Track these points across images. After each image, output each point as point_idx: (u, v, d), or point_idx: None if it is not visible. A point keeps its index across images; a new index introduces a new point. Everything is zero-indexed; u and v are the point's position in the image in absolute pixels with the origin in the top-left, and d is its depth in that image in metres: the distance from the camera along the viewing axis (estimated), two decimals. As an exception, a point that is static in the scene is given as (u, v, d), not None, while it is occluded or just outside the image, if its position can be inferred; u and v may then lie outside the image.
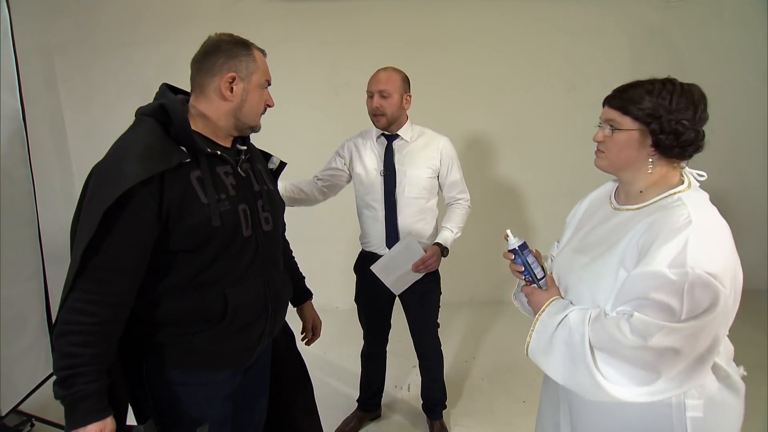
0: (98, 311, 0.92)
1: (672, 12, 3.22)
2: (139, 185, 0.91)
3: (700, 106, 0.97)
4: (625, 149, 0.99)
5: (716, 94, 3.93)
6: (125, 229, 0.93)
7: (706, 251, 0.85)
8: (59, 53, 3.14)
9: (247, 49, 1.10)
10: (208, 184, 1.02)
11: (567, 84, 3.27)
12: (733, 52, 3.29)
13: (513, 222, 3.40)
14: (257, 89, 1.11)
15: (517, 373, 2.53)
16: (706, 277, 0.83)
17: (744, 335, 2.82)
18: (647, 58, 3.24)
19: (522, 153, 3.37)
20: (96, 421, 0.92)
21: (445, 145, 1.85)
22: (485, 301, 3.29)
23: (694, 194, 0.96)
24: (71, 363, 0.91)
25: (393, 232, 1.83)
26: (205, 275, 1.03)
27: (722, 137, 3.28)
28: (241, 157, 1.15)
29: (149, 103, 1.07)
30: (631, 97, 0.97)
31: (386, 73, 1.76)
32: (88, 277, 0.92)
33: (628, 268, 0.93)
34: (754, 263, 3.51)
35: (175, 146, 1.00)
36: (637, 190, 1.02)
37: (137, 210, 0.93)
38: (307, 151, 3.28)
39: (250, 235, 1.09)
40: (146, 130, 0.99)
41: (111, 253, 0.93)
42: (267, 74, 1.14)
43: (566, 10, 3.19)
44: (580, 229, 1.14)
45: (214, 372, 1.11)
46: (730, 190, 3.45)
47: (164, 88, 1.12)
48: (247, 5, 3.11)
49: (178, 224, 0.98)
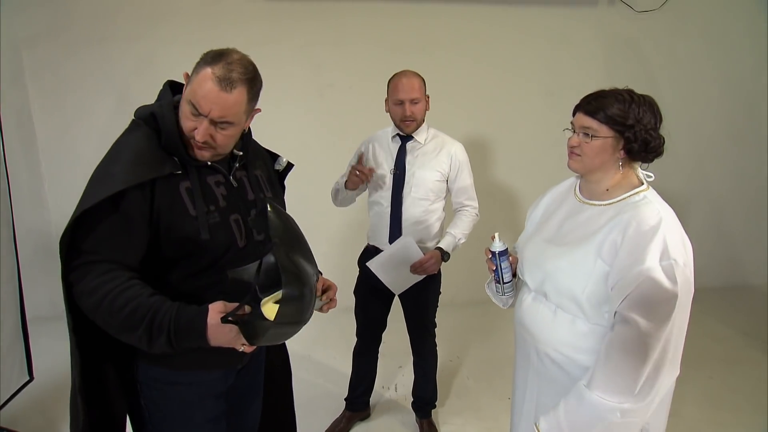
0: (118, 273, 0.92)
1: (643, 23, 3.37)
2: (133, 188, 0.92)
3: (658, 116, 1.10)
4: (600, 154, 1.09)
5: (684, 102, 4.16)
6: (116, 224, 0.93)
7: (678, 242, 1.01)
8: (28, 47, 2.99)
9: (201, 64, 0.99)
10: (197, 195, 1.00)
11: (545, 89, 3.37)
12: (700, 62, 3.48)
13: (493, 222, 3.45)
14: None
15: (502, 370, 2.58)
16: (683, 269, 0.99)
17: (712, 331, 3.00)
18: (620, 66, 3.39)
19: (501, 156, 3.45)
20: (204, 324, 0.91)
21: (457, 150, 1.89)
22: (468, 301, 3.34)
23: (653, 193, 1.10)
24: (138, 317, 0.89)
25: (396, 229, 1.86)
26: (198, 281, 1.02)
27: (689, 144, 3.51)
28: (236, 164, 1.11)
29: (146, 106, 1.04)
30: (606, 107, 1.07)
31: (410, 79, 1.79)
32: (79, 269, 0.92)
33: (605, 258, 1.04)
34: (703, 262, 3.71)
35: (167, 156, 0.98)
36: (603, 188, 1.13)
37: (129, 209, 0.93)
38: (291, 152, 3.23)
39: (245, 245, 1.07)
40: (139, 135, 0.98)
41: (98, 244, 0.93)
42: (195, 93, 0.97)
43: (545, 19, 3.30)
44: (547, 220, 1.24)
45: (207, 372, 1.10)
46: (697, 193, 3.65)
47: (166, 87, 1.08)
48: (228, 4, 3.05)
49: (167, 234, 0.97)
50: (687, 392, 2.28)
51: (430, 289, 1.95)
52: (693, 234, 1.02)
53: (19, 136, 3.03)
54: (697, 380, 2.46)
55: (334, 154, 3.22)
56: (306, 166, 2.76)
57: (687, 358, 1.08)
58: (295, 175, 3.07)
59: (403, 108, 1.79)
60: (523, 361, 1.27)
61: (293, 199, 3.08)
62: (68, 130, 3.05)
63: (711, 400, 2.36)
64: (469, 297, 3.40)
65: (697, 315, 1.07)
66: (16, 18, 2.92)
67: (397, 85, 1.80)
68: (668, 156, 1.16)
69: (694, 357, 2.57)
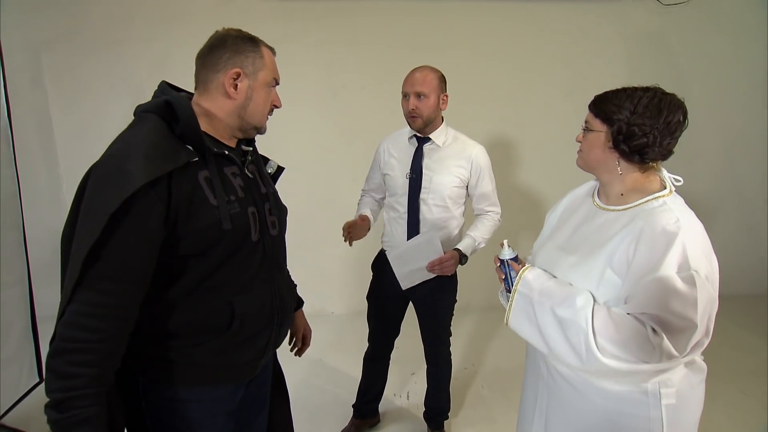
0: (102, 326, 0.83)
1: (670, 17, 3.22)
2: (146, 187, 0.84)
3: (670, 116, 0.98)
4: (594, 149, 1.05)
5: (713, 99, 3.98)
6: (131, 234, 0.85)
7: (699, 253, 0.92)
8: (47, 50, 3.04)
9: (254, 45, 1.03)
10: (217, 185, 0.96)
11: (565, 88, 3.25)
12: (730, 57, 3.32)
13: (511, 225, 3.36)
14: (263, 88, 1.05)
15: (518, 380, 2.46)
16: (705, 281, 0.91)
17: (744, 342, 2.84)
18: (645, 63, 3.25)
19: (520, 157, 3.35)
20: None
21: (477, 154, 1.78)
22: (484, 306, 3.26)
23: (677, 199, 1.01)
24: (69, 385, 0.81)
25: (414, 235, 1.77)
26: (211, 281, 0.97)
27: (719, 142, 3.35)
28: (247, 158, 1.10)
29: (150, 101, 1.00)
30: (603, 101, 1.03)
31: (422, 73, 1.70)
32: (90, 288, 0.83)
33: (616, 269, 0.97)
34: (755, 268, 3.53)
35: (182, 145, 0.94)
36: (617, 192, 1.06)
37: (144, 214, 0.86)
38: (304, 153, 3.22)
39: (258, 239, 1.03)
40: (150, 128, 0.92)
41: (115, 261, 0.84)
42: (275, 72, 1.08)
43: (565, 14, 3.19)
44: (562, 226, 1.17)
45: (216, 387, 1.03)
46: (727, 195, 3.47)
47: (164, 85, 1.05)
48: (241, 4, 3.05)
49: (186, 227, 0.91)
50: (717, 409, 2.14)
51: (445, 297, 1.87)
52: (722, 237, 0.94)
53: (38, 137, 3.09)
54: (728, 396, 2.32)
55: (348, 156, 3.19)
56: (319, 167, 2.72)
57: (716, 372, 1.01)
58: (308, 177, 3.06)
59: (407, 102, 1.71)
60: (533, 373, 1.22)
61: (307, 200, 3.08)
62: (86, 131, 3.09)
63: (745, 418, 2.20)
64: (486, 301, 3.30)
65: (727, 325, 0.99)
66: (36, 22, 2.98)
67: (407, 77, 1.73)
68: (696, 155, 1.07)
69: (724, 370, 2.43)
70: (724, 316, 0.96)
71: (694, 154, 3.24)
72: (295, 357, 1.41)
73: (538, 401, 1.18)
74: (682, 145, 1.07)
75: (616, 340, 0.93)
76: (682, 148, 1.08)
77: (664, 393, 0.98)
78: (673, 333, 0.90)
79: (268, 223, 1.08)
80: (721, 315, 0.96)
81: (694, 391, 1.02)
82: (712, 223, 3.40)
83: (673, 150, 1.03)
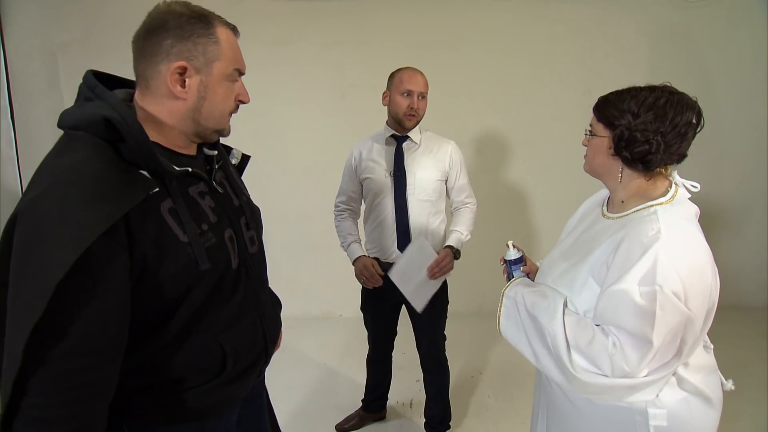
0: (75, 412, 0.66)
1: (694, 12, 3.08)
2: (103, 237, 0.65)
3: (677, 117, 0.91)
4: (597, 154, 1.00)
5: (741, 98, 3.78)
6: (90, 300, 0.66)
7: (676, 268, 0.84)
8: (63, 53, 3.11)
9: (206, 26, 0.80)
10: (184, 215, 0.77)
11: (582, 87, 3.14)
12: (758, 53, 3.13)
13: (523, 228, 3.27)
14: (221, 82, 0.82)
15: (527, 389, 2.39)
16: (674, 299, 0.83)
17: (744, 354, 2.65)
18: (666, 60, 3.11)
19: (534, 158, 3.25)
20: None
21: (453, 149, 1.85)
22: (494, 311, 3.14)
23: (673, 208, 0.93)
24: None
25: (404, 234, 1.78)
26: (192, 323, 0.82)
27: (748, 142, 3.17)
28: (214, 165, 0.91)
29: (78, 109, 0.77)
30: (606, 104, 0.97)
31: (421, 75, 1.75)
32: (50, 373, 0.64)
33: (597, 279, 0.94)
34: None
35: (134, 171, 0.73)
36: (619, 199, 1.01)
37: (104, 271, 0.67)
38: (313, 154, 3.20)
39: (238, 264, 0.89)
40: (87, 154, 0.70)
41: (77, 334, 0.66)
42: (237, 61, 0.85)
43: (582, 10, 3.08)
44: (572, 232, 1.15)
45: (206, 423, 0.89)
46: (756, 198, 3.27)
47: (94, 81, 0.78)
48: (250, 4, 3.04)
49: (157, 275, 0.74)
50: (743, 424, 1.99)
51: (437, 300, 1.82)
52: (750, 243, 0.85)
53: (55, 139, 3.15)
54: (754, 413, 2.15)
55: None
56: (328, 169, 2.68)
57: (746, 389, 0.92)
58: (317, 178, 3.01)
59: (411, 99, 1.72)
60: (539, 381, 1.19)
61: (316, 202, 3.05)
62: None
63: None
64: (496, 307, 3.22)
65: (755, 337, 0.90)
66: (52, 26, 3.05)
67: (406, 76, 1.74)
68: (722, 156, 0.98)
69: (755, 386, 2.25)
70: (752, 328, 0.88)
71: (720, 155, 3.07)
72: (303, 360, 1.36)
73: (540, 410, 1.17)
74: (706, 146, 0.99)
75: (583, 350, 0.90)
76: (706, 150, 1.00)
77: (652, 414, 0.91)
78: (626, 348, 0.86)
79: (246, 241, 0.94)
80: (749, 326, 0.87)
81: (694, 417, 0.93)
82: (740, 228, 3.17)
83: (686, 153, 0.95)
